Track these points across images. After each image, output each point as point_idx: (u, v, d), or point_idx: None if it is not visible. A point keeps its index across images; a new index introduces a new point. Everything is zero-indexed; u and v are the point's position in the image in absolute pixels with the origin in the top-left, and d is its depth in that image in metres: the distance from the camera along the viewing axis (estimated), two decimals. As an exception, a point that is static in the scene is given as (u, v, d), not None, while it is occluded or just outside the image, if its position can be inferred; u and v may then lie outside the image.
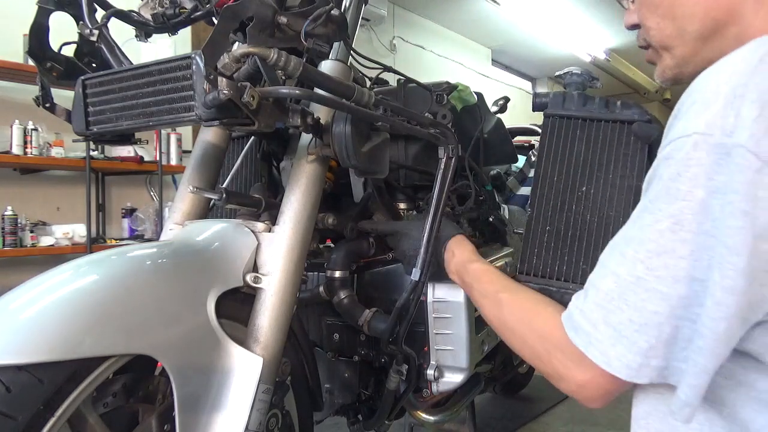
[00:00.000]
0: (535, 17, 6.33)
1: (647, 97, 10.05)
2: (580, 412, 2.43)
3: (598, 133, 1.01)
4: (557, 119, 1.05)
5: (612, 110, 1.01)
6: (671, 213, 0.57)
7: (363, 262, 1.29)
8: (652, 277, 0.58)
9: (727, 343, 0.56)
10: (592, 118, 1.02)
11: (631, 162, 0.98)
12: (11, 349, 0.62)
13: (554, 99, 1.06)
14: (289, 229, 0.92)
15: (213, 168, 1.07)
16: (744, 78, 0.56)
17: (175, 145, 3.86)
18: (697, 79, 0.61)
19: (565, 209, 1.01)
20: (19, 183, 3.34)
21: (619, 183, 0.97)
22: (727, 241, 0.54)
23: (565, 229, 1.00)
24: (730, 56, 0.59)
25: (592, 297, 0.64)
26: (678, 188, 0.57)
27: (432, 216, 1.08)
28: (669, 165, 0.58)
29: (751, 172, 0.53)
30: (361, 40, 1.15)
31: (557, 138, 1.03)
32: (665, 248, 0.57)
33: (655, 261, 0.58)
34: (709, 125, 0.55)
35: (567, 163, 1.02)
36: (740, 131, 0.54)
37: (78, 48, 1.01)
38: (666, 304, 0.57)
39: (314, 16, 0.83)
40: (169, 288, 0.77)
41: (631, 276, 0.60)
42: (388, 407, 1.24)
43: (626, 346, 0.60)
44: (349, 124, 0.91)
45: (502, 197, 2.05)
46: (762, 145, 0.53)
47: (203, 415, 0.78)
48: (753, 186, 0.53)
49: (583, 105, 1.04)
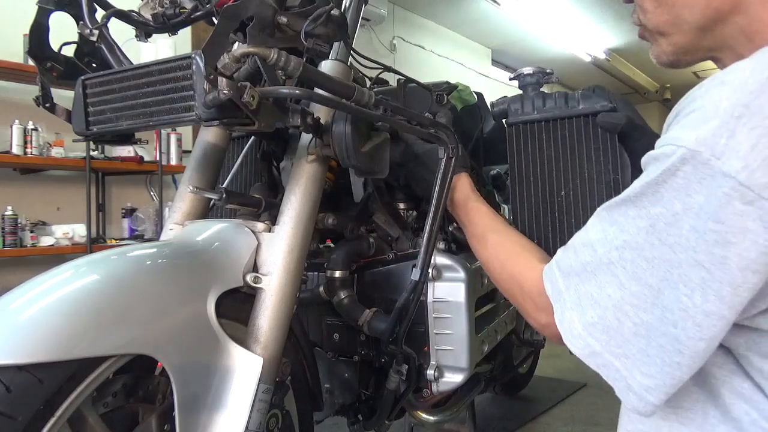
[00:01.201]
0: (535, 17, 6.33)
1: (647, 97, 10.05)
2: (580, 412, 2.43)
3: (564, 132, 0.98)
4: (520, 126, 1.02)
5: (572, 105, 0.98)
6: (650, 214, 0.58)
7: (363, 262, 1.29)
8: (618, 266, 0.61)
9: (705, 357, 0.58)
10: (554, 118, 0.98)
11: (604, 156, 0.95)
12: (11, 349, 0.62)
13: (512, 104, 1.03)
14: (289, 229, 0.92)
15: (213, 168, 1.06)
16: (747, 97, 0.53)
17: (175, 145, 3.86)
18: (704, 83, 0.59)
19: (548, 217, 0.99)
20: (19, 183, 3.34)
21: (597, 178, 0.95)
22: (711, 268, 0.54)
23: (552, 236, 0.99)
24: (740, 66, 0.57)
25: (571, 260, 0.68)
26: (662, 194, 0.57)
27: (432, 216, 1.08)
28: (658, 167, 0.58)
29: (741, 203, 0.52)
30: (361, 40, 1.15)
31: (524, 146, 1.00)
32: (637, 245, 0.59)
33: (626, 253, 0.60)
34: (700, 142, 0.54)
35: (540, 169, 0.99)
36: (732, 158, 0.52)
37: (78, 48, 1.01)
38: (619, 293, 0.60)
39: (314, 16, 0.83)
40: (169, 288, 0.77)
41: (605, 257, 0.62)
42: (388, 407, 1.24)
43: (578, 313, 0.64)
44: (349, 124, 0.91)
45: (502, 197, 2.05)
46: (756, 177, 0.51)
47: (203, 415, 0.78)
48: (741, 217, 0.52)
49: (542, 105, 1.01)
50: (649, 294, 0.58)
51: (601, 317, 0.62)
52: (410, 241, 1.31)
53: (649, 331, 0.58)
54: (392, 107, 1.05)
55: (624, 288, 0.60)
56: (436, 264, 1.22)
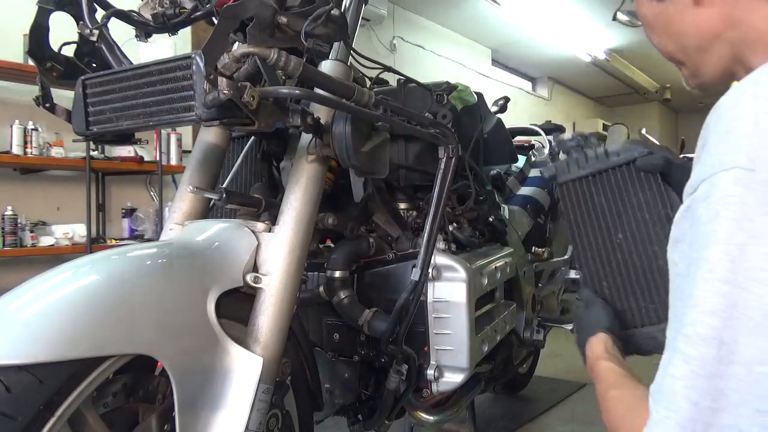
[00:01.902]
0: (535, 17, 6.32)
1: (647, 97, 10.05)
2: (580, 412, 2.43)
3: (609, 181, 1.05)
4: (569, 184, 1.09)
5: (612, 157, 1.05)
6: (707, 258, 0.51)
7: (363, 262, 1.29)
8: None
9: None
10: (598, 171, 1.06)
11: (651, 194, 1.01)
12: (11, 349, 0.62)
13: (560, 168, 1.10)
14: (289, 229, 0.92)
15: (213, 168, 1.06)
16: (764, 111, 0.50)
17: (175, 145, 3.85)
18: (725, 100, 0.56)
19: (611, 261, 1.03)
20: (19, 183, 3.34)
21: (650, 217, 1.00)
22: None
23: (621, 279, 1.02)
24: (752, 81, 0.54)
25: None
26: (715, 230, 0.51)
27: (432, 216, 1.08)
28: (708, 205, 0.52)
29: None
30: (361, 40, 1.15)
31: (576, 200, 1.08)
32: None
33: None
34: (751, 159, 0.49)
35: (594, 218, 1.06)
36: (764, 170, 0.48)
37: (78, 48, 1.01)
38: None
39: (314, 16, 0.83)
40: (169, 288, 0.77)
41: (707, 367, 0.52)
42: (388, 407, 1.24)
43: None
44: (349, 124, 0.91)
45: (502, 197, 2.05)
46: None
47: (203, 415, 0.78)
48: None
49: (585, 162, 1.07)
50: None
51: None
52: (410, 241, 1.31)
53: None
54: (392, 107, 1.05)
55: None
56: (436, 264, 1.22)
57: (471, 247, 1.43)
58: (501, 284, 1.49)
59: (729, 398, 0.49)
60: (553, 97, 9.20)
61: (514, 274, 1.59)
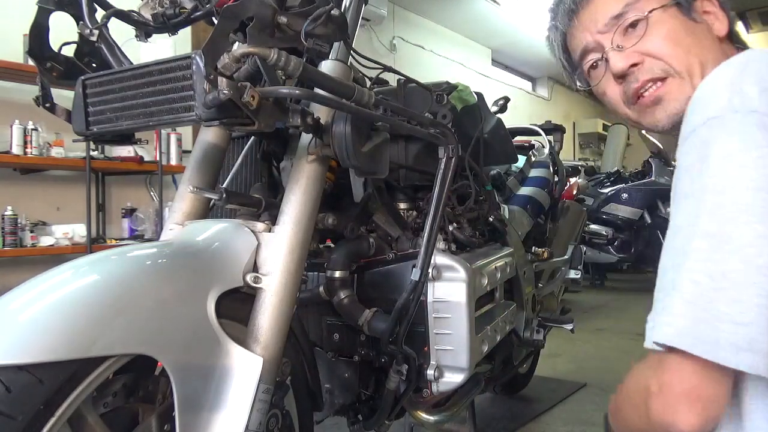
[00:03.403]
0: (535, 17, 6.32)
1: (647, 97, 10.03)
2: (580, 412, 2.43)
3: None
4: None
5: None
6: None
7: (363, 262, 1.29)
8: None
9: None
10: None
11: None
12: (11, 349, 0.62)
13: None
14: (289, 229, 0.92)
15: (213, 168, 1.06)
16: (737, 74, 0.64)
17: (175, 145, 3.85)
18: (694, 94, 0.68)
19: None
20: (19, 183, 3.34)
21: None
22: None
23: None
24: (718, 68, 0.68)
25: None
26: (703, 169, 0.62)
27: (432, 216, 1.08)
28: (689, 152, 0.64)
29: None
30: (361, 40, 1.15)
31: None
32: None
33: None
34: (720, 109, 0.62)
35: None
36: (748, 104, 0.61)
37: (78, 48, 1.01)
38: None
39: (314, 16, 0.83)
40: (169, 288, 0.77)
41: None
42: (388, 407, 1.24)
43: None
44: (349, 124, 0.91)
45: (502, 197, 2.06)
46: None
47: (203, 415, 0.78)
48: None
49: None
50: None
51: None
52: (410, 241, 1.30)
53: None
54: (392, 107, 1.05)
55: None
56: (436, 264, 1.22)
57: (471, 247, 1.43)
58: (501, 284, 1.49)
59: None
60: (553, 97, 9.20)
61: (514, 274, 1.59)
